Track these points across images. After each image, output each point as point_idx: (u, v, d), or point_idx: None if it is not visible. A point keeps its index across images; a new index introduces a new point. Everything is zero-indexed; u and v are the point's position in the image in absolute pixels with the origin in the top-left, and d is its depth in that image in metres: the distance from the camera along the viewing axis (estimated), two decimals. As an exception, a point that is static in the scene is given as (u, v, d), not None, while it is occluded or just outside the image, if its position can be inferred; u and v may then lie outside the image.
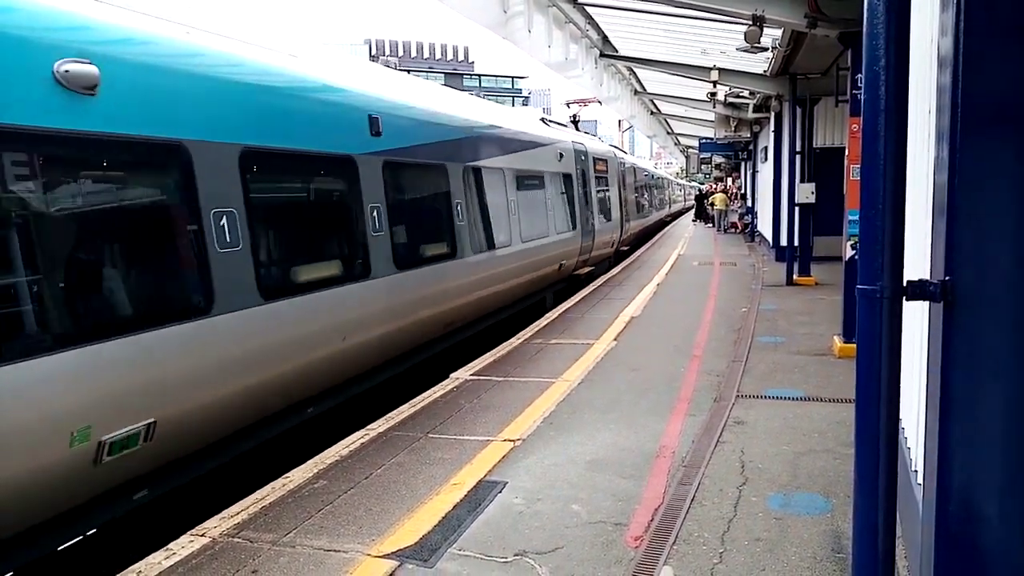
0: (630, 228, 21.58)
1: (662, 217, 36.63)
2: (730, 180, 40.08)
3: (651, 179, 31.18)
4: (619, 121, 53.91)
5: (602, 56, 16.24)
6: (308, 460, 5.20)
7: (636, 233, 23.56)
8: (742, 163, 32.26)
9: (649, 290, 13.03)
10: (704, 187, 52.78)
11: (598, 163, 16.99)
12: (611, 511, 4.20)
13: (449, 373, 7.55)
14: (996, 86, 1.94)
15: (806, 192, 12.19)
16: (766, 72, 13.72)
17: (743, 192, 31.06)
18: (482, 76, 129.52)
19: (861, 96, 2.18)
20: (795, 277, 13.19)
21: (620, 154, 22.41)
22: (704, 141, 30.34)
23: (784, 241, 14.44)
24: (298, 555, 3.82)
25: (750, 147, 26.53)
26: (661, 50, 15.18)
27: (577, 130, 18.70)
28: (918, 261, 3.18)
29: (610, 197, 18.02)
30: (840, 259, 8.55)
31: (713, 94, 16.04)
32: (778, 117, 16.22)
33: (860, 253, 2.19)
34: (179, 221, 4.73)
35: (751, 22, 8.81)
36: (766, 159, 19.57)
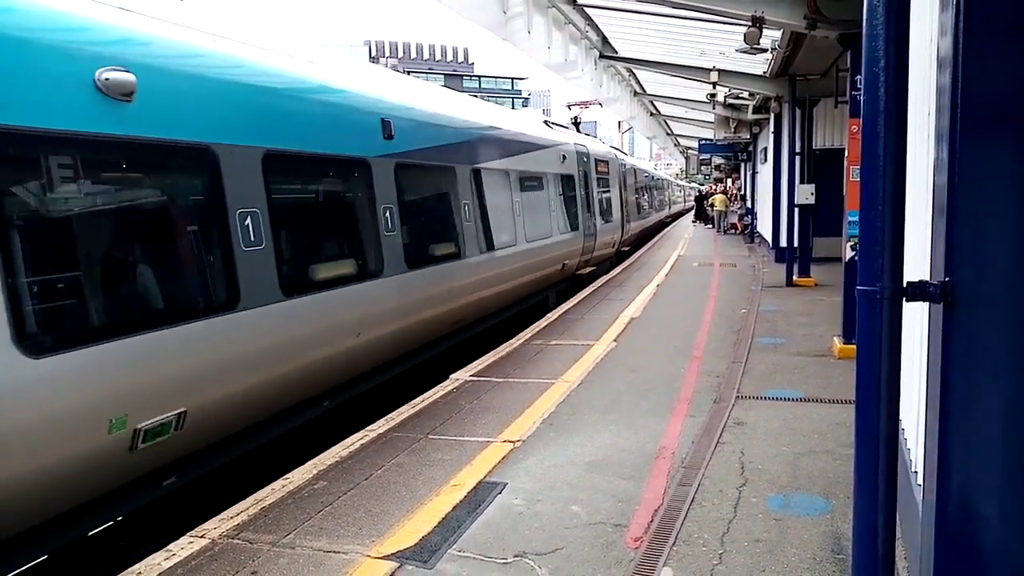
0: (630, 229, 21.61)
1: (662, 218, 36.66)
2: (730, 181, 40.08)
3: (651, 180, 31.20)
4: (619, 122, 53.94)
5: (602, 57, 16.26)
6: (308, 461, 5.20)
7: (636, 234, 23.58)
8: (742, 164, 32.27)
9: (649, 291, 13.03)
10: (704, 188, 52.79)
11: (599, 165, 17.02)
12: (611, 512, 4.20)
13: (449, 374, 7.56)
14: (995, 86, 1.94)
15: (806, 193, 12.19)
16: (765, 73, 13.73)
17: (743, 193, 31.07)
18: (482, 77, 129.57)
19: (861, 97, 2.18)
20: (795, 278, 13.18)
21: (621, 155, 22.43)
22: (704, 142, 30.38)
23: (784, 242, 14.44)
24: (298, 556, 3.82)
25: (750, 148, 26.55)
26: (660, 51, 15.20)
27: (578, 132, 18.72)
28: (918, 262, 3.18)
29: (611, 198, 18.05)
30: (840, 260, 8.55)
31: (713, 95, 16.05)
32: (777, 118, 16.23)
33: (860, 254, 2.19)
34: (208, 221, 4.96)
35: (750, 23, 8.82)
36: (766, 160, 19.58)
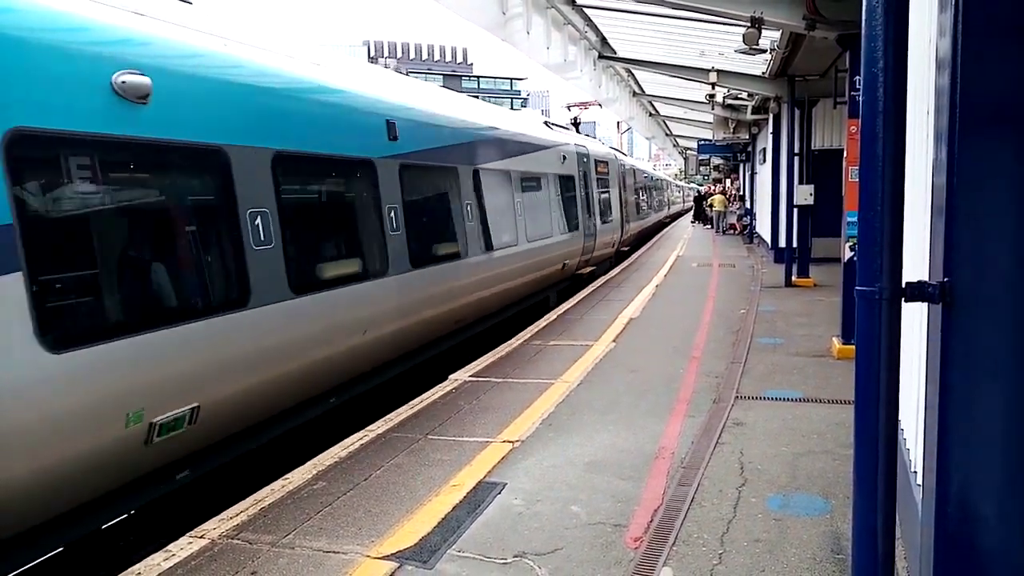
0: (630, 229, 21.64)
1: (661, 218, 36.70)
2: (728, 182, 40.11)
3: (650, 181, 31.22)
4: (618, 122, 53.99)
5: (601, 58, 16.26)
6: (307, 462, 5.20)
7: (636, 234, 23.61)
8: (741, 165, 32.29)
9: (648, 291, 13.03)
10: (703, 189, 52.81)
11: (599, 165, 17.06)
12: (610, 512, 4.20)
13: (448, 374, 7.56)
14: (994, 87, 1.94)
15: (804, 194, 12.20)
16: (764, 74, 13.73)
17: (741, 194, 31.08)
18: (481, 78, 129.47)
19: (860, 98, 2.19)
20: (794, 278, 13.19)
21: (620, 156, 22.46)
22: (703, 143, 30.39)
23: (783, 242, 14.45)
24: (297, 556, 3.82)
25: (748, 149, 26.56)
26: (659, 52, 15.20)
27: (578, 132, 18.74)
28: (917, 262, 3.18)
29: (611, 199, 18.09)
30: (839, 260, 8.56)
31: (712, 96, 16.06)
32: (776, 119, 16.25)
33: (859, 254, 2.19)
34: (220, 220, 5.05)
35: (749, 24, 8.82)
36: (764, 161, 19.59)
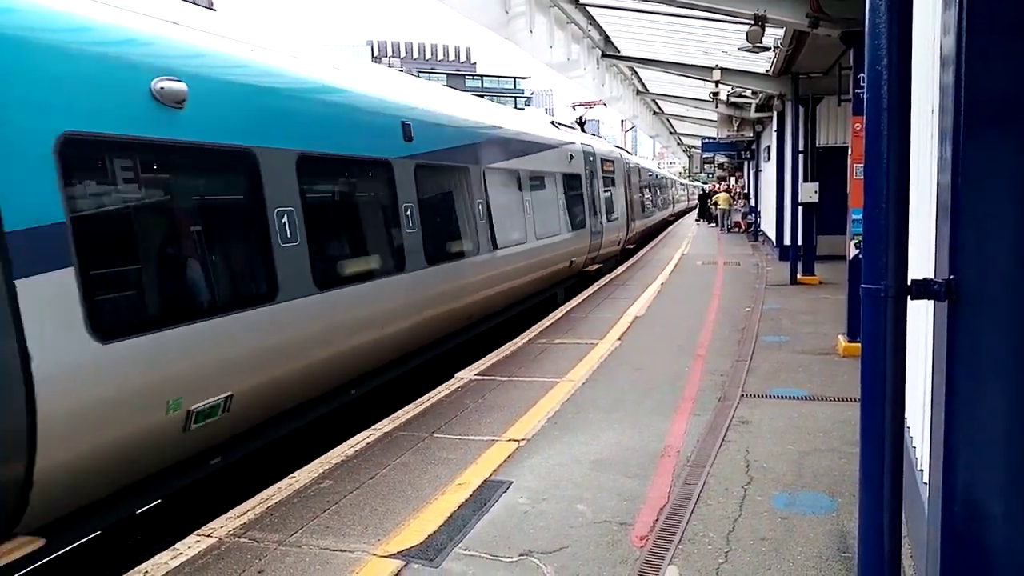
0: (635, 227, 21.66)
1: (666, 216, 36.65)
2: (733, 179, 40.01)
3: (655, 179, 31.18)
4: (622, 121, 53.92)
5: (604, 56, 16.25)
6: (314, 460, 5.22)
7: (641, 232, 23.61)
8: (745, 162, 32.22)
9: (653, 289, 13.02)
10: (707, 187, 52.70)
11: (605, 164, 17.10)
12: (616, 511, 4.21)
13: (454, 373, 7.57)
14: (999, 85, 1.94)
15: (809, 191, 12.17)
16: (768, 72, 13.70)
17: (746, 191, 31.01)
18: (484, 77, 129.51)
19: (864, 95, 2.18)
20: (799, 276, 13.16)
21: (625, 155, 22.47)
22: (707, 141, 30.34)
23: (788, 240, 14.41)
24: (304, 555, 3.84)
25: (753, 146, 26.48)
26: (663, 50, 15.17)
27: (583, 132, 18.76)
28: (922, 260, 3.18)
29: (616, 197, 18.15)
30: (844, 258, 8.53)
31: (715, 94, 16.02)
32: (780, 116, 16.21)
33: (864, 252, 2.19)
34: (251, 219, 5.28)
35: (753, 22, 8.81)
36: (769, 158, 19.54)
